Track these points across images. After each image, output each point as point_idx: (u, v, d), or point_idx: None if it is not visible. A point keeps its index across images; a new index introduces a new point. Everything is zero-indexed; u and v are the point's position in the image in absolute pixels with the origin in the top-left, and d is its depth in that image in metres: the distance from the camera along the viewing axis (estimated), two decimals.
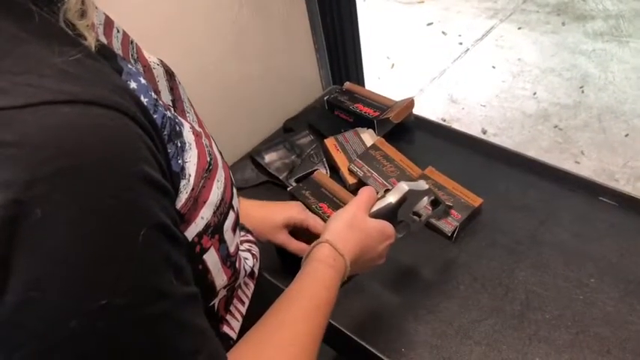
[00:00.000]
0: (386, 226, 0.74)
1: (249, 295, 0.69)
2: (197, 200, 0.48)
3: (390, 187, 0.83)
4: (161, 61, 0.58)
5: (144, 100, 0.43)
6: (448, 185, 1.08)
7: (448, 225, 1.01)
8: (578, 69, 2.68)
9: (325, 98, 1.38)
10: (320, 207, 1.07)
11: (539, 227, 1.01)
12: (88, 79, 0.36)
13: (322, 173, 1.18)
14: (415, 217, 0.82)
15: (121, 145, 0.35)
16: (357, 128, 1.27)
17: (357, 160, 1.17)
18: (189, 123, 0.52)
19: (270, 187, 1.23)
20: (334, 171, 1.21)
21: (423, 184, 0.82)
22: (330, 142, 1.24)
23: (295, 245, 0.91)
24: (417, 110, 1.31)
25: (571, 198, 1.06)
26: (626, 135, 2.28)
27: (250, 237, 0.80)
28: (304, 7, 1.35)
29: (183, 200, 0.46)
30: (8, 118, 0.31)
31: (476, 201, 1.04)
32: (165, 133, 0.45)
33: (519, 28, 3.05)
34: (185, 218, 0.47)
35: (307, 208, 1.09)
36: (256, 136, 1.35)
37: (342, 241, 0.67)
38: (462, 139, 1.25)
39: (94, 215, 0.33)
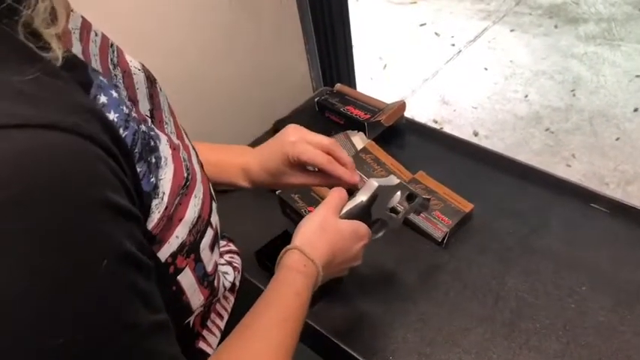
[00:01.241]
0: (359, 226, 0.72)
1: (229, 309, 0.67)
2: (172, 219, 0.46)
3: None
4: (143, 66, 0.56)
5: (113, 115, 0.41)
6: (439, 190, 1.07)
7: (438, 230, 1.00)
8: (570, 72, 2.68)
9: (316, 100, 1.36)
10: (309, 210, 1.05)
11: (530, 234, 1.00)
12: (45, 100, 0.34)
13: None
14: (392, 214, 0.79)
15: (78, 170, 0.33)
16: (347, 131, 1.26)
17: None
18: (166, 135, 0.51)
19: (259, 191, 1.20)
20: None
21: (393, 179, 0.79)
22: None
23: (315, 180, 0.79)
24: (408, 111, 1.29)
25: (562, 204, 1.05)
26: (617, 139, 2.29)
27: (232, 247, 0.77)
28: (295, 7, 1.33)
29: (155, 220, 0.44)
30: None
31: (467, 206, 1.03)
32: (135, 151, 0.43)
33: (512, 31, 3.05)
34: (158, 239, 0.45)
35: (296, 212, 1.08)
36: (246, 138, 1.33)
37: (311, 246, 0.65)
38: (453, 142, 1.24)
39: (47, 248, 0.31)
